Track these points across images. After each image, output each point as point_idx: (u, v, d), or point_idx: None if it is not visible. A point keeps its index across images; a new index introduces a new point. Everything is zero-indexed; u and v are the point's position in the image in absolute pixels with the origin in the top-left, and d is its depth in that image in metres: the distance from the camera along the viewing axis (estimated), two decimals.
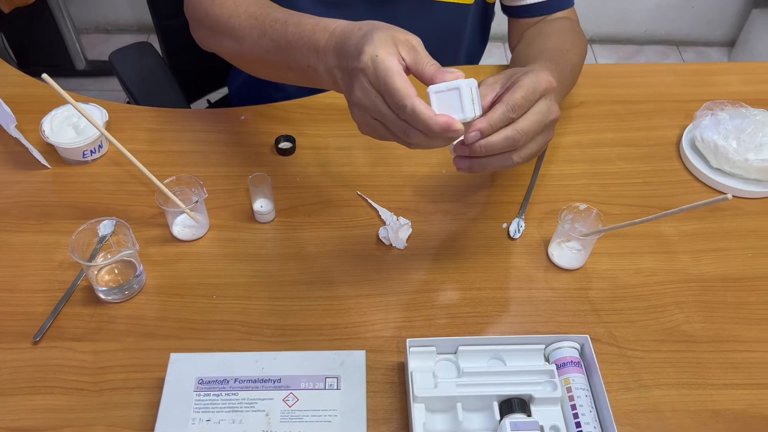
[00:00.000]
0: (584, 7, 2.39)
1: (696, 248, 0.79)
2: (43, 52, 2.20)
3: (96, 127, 0.72)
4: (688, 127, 0.91)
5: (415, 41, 0.59)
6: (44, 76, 0.65)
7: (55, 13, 2.08)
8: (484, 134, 0.59)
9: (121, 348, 0.68)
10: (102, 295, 0.71)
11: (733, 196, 0.84)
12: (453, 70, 0.57)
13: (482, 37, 1.07)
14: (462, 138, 0.60)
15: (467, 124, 0.58)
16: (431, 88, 0.57)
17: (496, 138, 0.60)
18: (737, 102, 0.89)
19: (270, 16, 0.71)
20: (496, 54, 2.29)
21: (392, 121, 0.57)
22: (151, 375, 0.65)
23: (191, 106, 1.24)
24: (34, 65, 2.27)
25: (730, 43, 2.52)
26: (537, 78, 0.61)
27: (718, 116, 0.87)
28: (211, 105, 1.35)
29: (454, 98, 0.56)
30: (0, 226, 0.78)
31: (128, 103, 1.13)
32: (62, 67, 2.24)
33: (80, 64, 2.25)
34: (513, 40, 0.98)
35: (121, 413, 0.63)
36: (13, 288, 0.73)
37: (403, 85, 0.55)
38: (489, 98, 0.62)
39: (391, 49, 0.57)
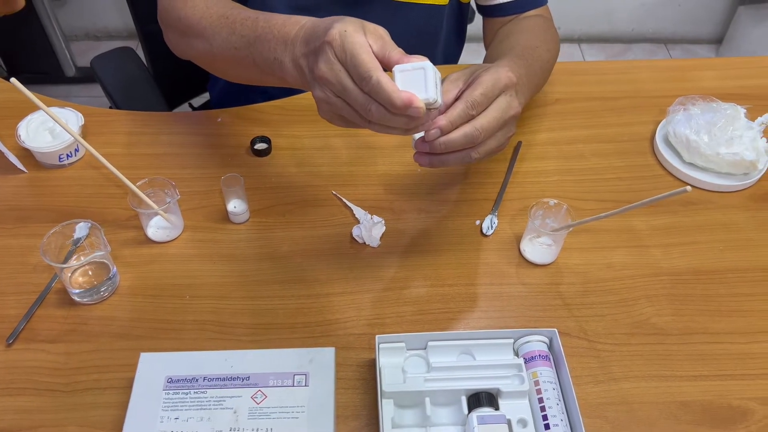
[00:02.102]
0: (571, 7, 2.42)
1: (667, 242, 0.79)
2: (33, 59, 2.21)
3: (66, 130, 0.72)
4: (661, 123, 0.92)
5: (383, 31, 0.60)
6: (13, 80, 0.65)
7: (44, 21, 2.09)
8: (443, 131, 0.60)
9: (94, 349, 0.68)
10: (76, 297, 0.72)
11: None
12: (419, 56, 0.58)
13: (459, 37, 1.08)
14: (422, 134, 0.61)
15: (429, 110, 0.58)
16: (396, 67, 0.58)
17: (456, 135, 0.60)
18: (708, 97, 0.89)
19: (240, 15, 0.72)
20: (482, 54, 2.30)
21: (355, 96, 0.57)
22: (122, 375, 0.66)
23: (175, 110, 1.25)
24: (24, 72, 2.28)
25: (717, 41, 2.53)
26: (497, 74, 0.62)
27: (690, 111, 0.88)
28: (194, 110, 1.35)
29: (419, 78, 0.57)
30: None
31: (110, 108, 1.14)
32: (52, 74, 2.25)
33: (70, 71, 2.26)
34: (487, 38, 0.99)
35: (93, 413, 0.63)
36: None
37: (369, 57, 0.56)
38: (452, 94, 0.63)
39: (359, 30, 0.58)
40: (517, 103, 0.65)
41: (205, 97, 1.35)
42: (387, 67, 0.59)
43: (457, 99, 0.62)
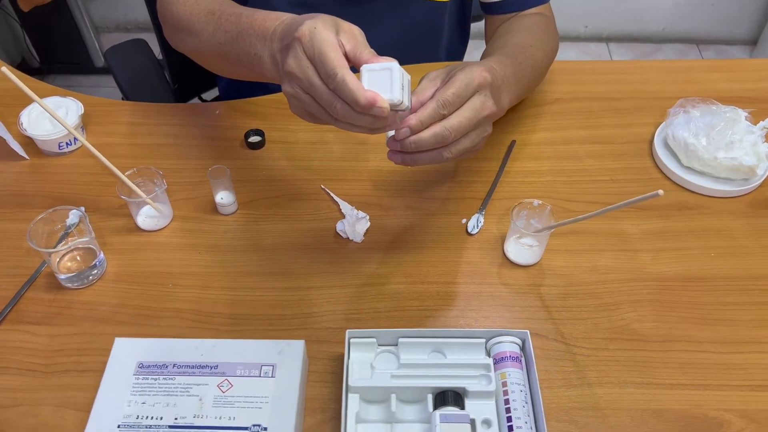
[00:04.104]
0: (600, 5, 2.37)
1: (657, 247, 0.78)
2: (64, 49, 2.27)
3: (53, 116, 0.74)
4: (661, 125, 0.90)
5: (357, 31, 0.60)
6: (3, 69, 0.67)
7: (74, 12, 2.15)
8: (413, 130, 0.60)
9: (76, 332, 0.70)
10: (63, 282, 0.74)
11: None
12: (387, 58, 0.58)
13: (462, 34, 1.07)
14: (394, 133, 0.61)
15: (396, 111, 0.58)
16: (364, 67, 0.58)
17: (426, 135, 0.60)
18: (708, 99, 0.87)
19: (227, 11, 0.73)
20: None
21: (321, 93, 0.57)
22: (101, 359, 0.67)
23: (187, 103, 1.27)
24: (55, 62, 2.34)
25: (752, 42, 2.45)
26: (470, 74, 0.61)
27: (690, 114, 0.85)
28: (204, 102, 1.37)
29: (385, 78, 0.57)
30: None
31: (122, 99, 1.17)
32: (82, 64, 2.32)
33: (99, 62, 2.32)
34: (488, 35, 0.98)
35: (69, 394, 0.65)
36: None
37: (336, 55, 0.56)
38: (429, 92, 0.62)
39: (331, 28, 0.58)
40: (492, 103, 0.64)
41: (216, 90, 1.37)
42: (358, 67, 0.59)
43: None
